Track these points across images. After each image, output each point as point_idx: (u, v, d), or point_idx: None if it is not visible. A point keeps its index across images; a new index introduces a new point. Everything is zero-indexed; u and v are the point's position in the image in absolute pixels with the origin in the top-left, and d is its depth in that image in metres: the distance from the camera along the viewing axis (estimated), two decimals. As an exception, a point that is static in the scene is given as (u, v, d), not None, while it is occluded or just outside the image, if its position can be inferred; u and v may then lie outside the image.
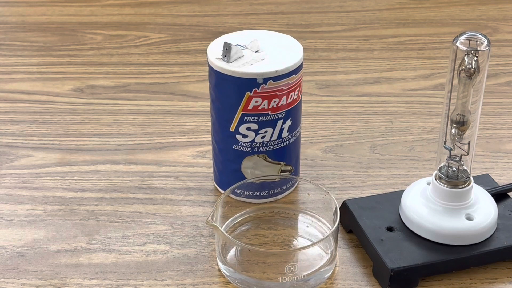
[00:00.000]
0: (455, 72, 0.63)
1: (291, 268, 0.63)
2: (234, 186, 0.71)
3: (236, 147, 0.72)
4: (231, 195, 0.73)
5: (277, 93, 0.69)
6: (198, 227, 0.73)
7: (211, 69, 0.70)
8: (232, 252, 0.67)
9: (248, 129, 0.71)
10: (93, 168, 0.81)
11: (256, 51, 0.70)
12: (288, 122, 0.72)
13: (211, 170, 0.78)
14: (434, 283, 0.66)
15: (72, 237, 0.71)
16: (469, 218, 0.67)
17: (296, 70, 0.69)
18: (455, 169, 0.67)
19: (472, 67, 0.63)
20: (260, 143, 0.72)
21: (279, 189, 0.74)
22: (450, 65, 0.64)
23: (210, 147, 0.79)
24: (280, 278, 0.63)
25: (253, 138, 0.71)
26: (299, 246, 0.70)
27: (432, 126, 0.88)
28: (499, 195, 0.71)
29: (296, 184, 0.76)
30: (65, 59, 1.04)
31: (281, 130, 0.71)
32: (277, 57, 0.69)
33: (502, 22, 1.14)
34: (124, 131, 0.87)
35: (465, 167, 0.67)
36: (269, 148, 0.72)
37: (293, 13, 1.17)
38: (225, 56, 0.69)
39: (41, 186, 0.78)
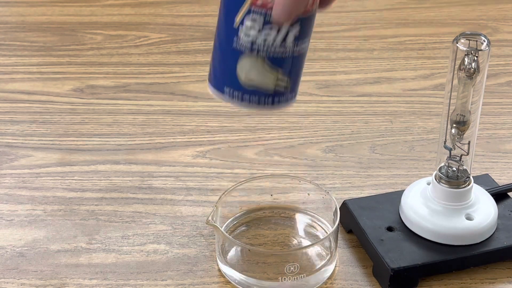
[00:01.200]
0: (455, 72, 0.63)
1: (291, 268, 0.63)
2: (234, 186, 0.71)
3: (237, 45, 0.66)
4: None
5: None
6: (198, 227, 0.73)
7: None
8: (232, 252, 0.67)
9: (252, 27, 0.67)
10: (93, 168, 0.81)
11: None
12: (295, 29, 0.65)
13: (211, 170, 0.78)
14: (434, 283, 0.66)
15: (72, 237, 0.71)
16: (469, 218, 0.67)
17: None
18: (455, 169, 0.67)
19: (472, 67, 0.62)
20: (261, 44, 0.65)
21: (279, 190, 0.74)
22: (450, 65, 0.64)
23: (210, 147, 0.79)
24: (280, 278, 0.63)
25: (255, 38, 0.67)
26: (299, 246, 0.70)
27: (432, 126, 0.88)
28: (499, 195, 0.71)
29: (296, 184, 0.76)
30: (65, 59, 1.04)
31: (286, 35, 0.65)
32: None
33: (502, 22, 1.14)
34: (124, 131, 0.87)
35: (465, 167, 0.67)
36: (270, 52, 0.65)
37: (293, 13, 1.17)
38: None
39: (41, 186, 0.78)
